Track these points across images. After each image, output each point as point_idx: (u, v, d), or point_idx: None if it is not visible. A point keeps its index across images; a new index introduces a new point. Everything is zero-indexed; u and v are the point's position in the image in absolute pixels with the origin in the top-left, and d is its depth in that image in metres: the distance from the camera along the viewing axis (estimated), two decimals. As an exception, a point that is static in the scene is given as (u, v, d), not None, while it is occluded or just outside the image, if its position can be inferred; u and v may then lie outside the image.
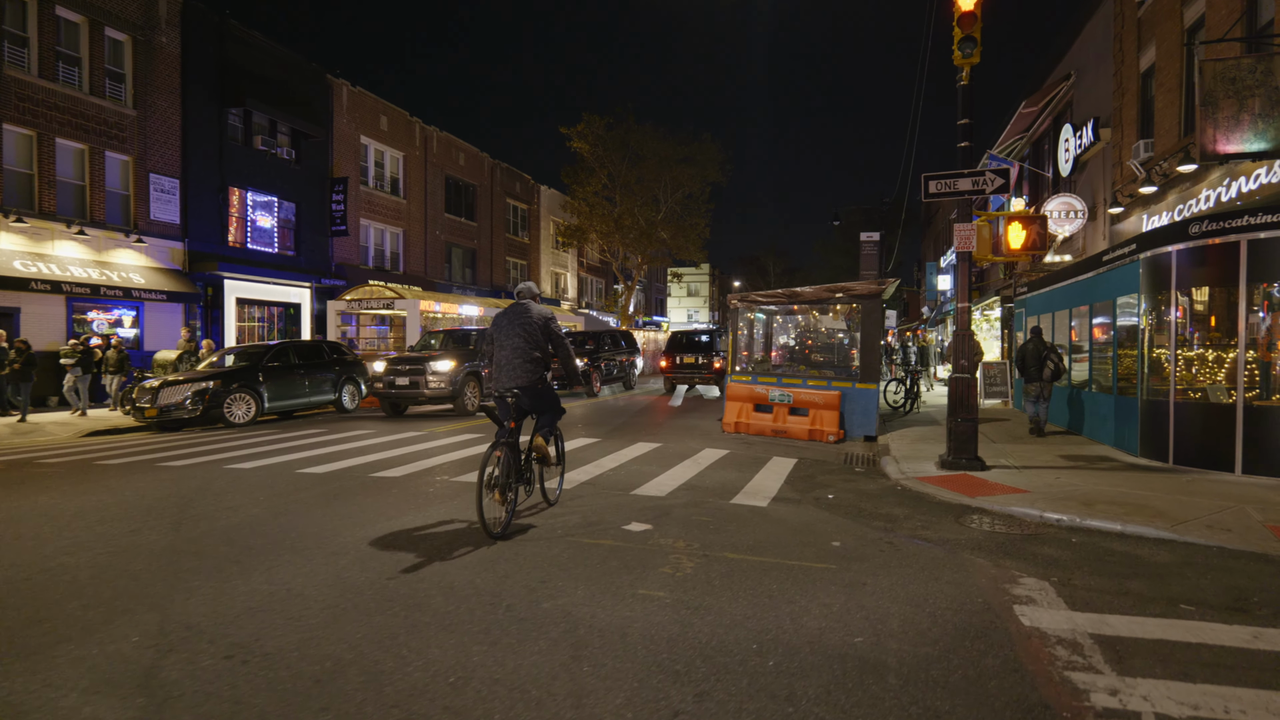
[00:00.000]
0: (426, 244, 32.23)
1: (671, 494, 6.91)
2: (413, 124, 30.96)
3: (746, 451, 10.07)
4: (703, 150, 38.26)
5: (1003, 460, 8.91)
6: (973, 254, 8.37)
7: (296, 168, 24.90)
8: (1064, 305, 12.33)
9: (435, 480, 7.53)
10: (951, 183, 8.39)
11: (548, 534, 5.36)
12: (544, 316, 5.66)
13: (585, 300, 49.18)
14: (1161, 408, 8.48)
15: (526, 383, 5.46)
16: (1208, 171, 11.46)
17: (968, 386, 8.29)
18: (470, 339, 15.66)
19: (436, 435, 11.45)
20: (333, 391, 15.83)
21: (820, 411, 11.52)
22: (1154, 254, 8.63)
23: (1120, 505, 6.22)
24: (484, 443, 10.60)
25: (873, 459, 9.73)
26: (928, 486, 7.41)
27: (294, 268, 24.79)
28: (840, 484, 7.74)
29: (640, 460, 8.99)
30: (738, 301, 13.05)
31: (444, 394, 14.16)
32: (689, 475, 7.97)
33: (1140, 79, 14.38)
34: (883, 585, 4.29)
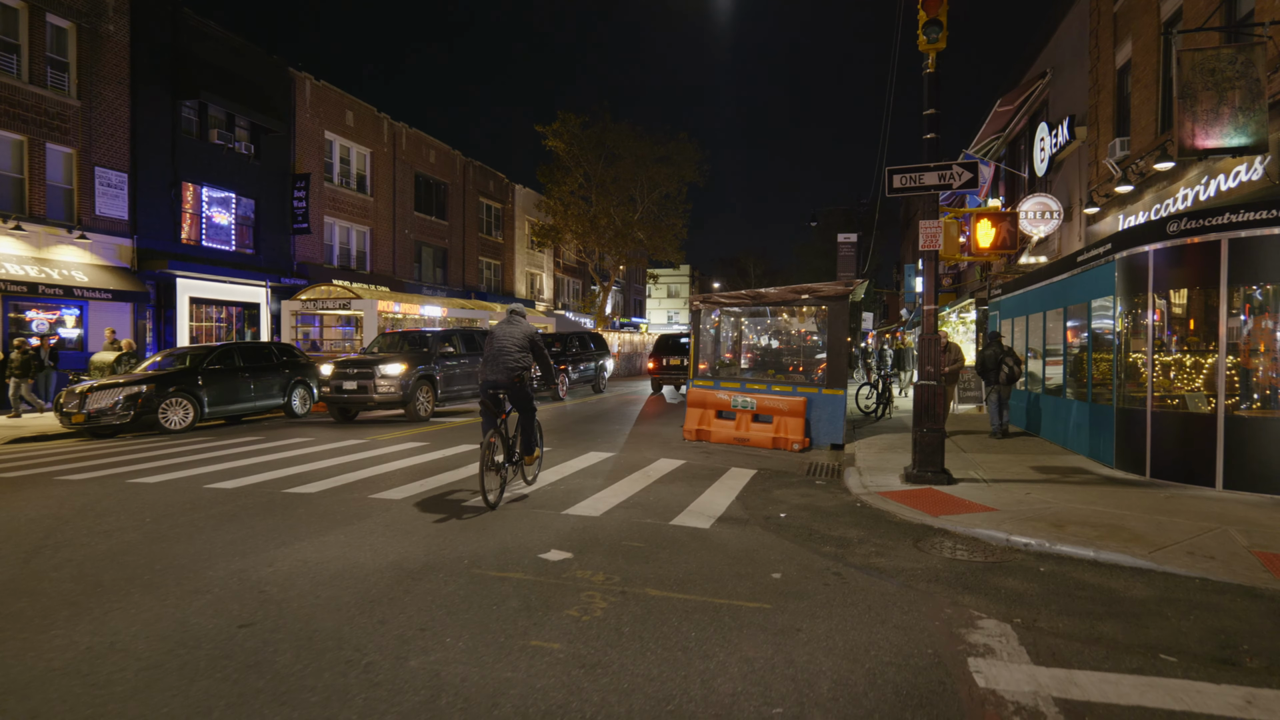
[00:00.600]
0: (395, 243, 31.42)
1: (608, 513, 6.30)
2: (380, 120, 30.16)
3: (704, 462, 9.49)
4: (680, 150, 37.76)
5: (971, 472, 8.39)
6: (940, 253, 7.85)
7: (256, 163, 24.03)
8: (1038, 308, 11.88)
9: (352, 497, 6.86)
10: (917, 176, 7.86)
11: (450, 564, 4.73)
12: (529, 330, 7.04)
13: (561, 301, 48.50)
14: (1138, 417, 7.99)
15: (506, 379, 6.77)
16: (1185, 170, 11.05)
17: (934, 395, 7.75)
18: (426, 341, 14.96)
19: (379, 443, 10.76)
20: (281, 396, 15.06)
21: (785, 419, 10.97)
22: (1130, 254, 8.16)
23: (1094, 527, 5.69)
24: (427, 451, 9.95)
25: (837, 469, 9.19)
26: (889, 503, 6.85)
27: (253, 266, 23.91)
28: (796, 499, 7.17)
29: (586, 473, 8.37)
30: (700, 303, 12.47)
31: (394, 399, 13.46)
32: (634, 490, 7.37)
33: (1116, 75, 13.99)
34: (820, 632, 3.70)
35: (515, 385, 6.77)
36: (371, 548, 5.08)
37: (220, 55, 22.44)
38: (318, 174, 26.54)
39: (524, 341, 6.89)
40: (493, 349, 6.87)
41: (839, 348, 11.22)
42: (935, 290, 7.88)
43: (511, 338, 6.86)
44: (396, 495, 6.91)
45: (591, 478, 8.05)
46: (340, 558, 4.84)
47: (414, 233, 32.83)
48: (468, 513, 6.23)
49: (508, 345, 6.82)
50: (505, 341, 6.84)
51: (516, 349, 6.82)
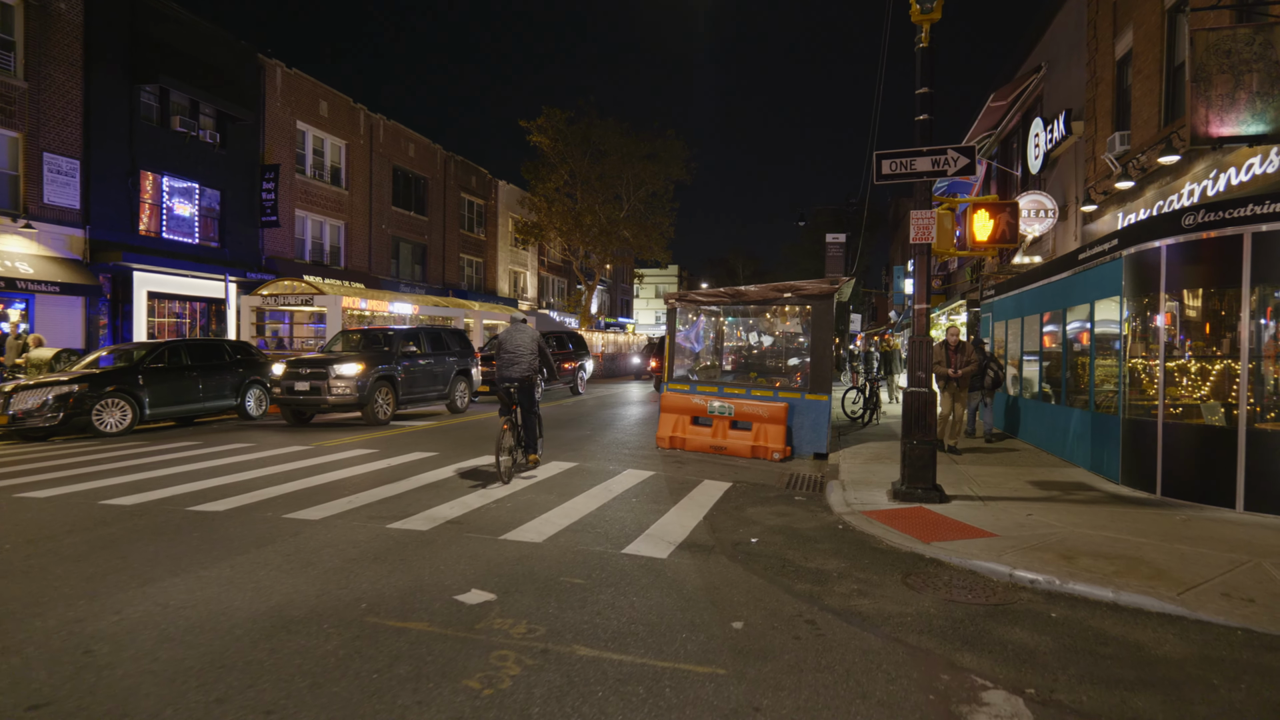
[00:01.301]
0: (371, 238, 30.47)
1: (553, 538, 5.49)
2: (356, 110, 29.21)
3: (675, 473, 8.70)
4: (667, 147, 37.01)
5: (965, 488, 7.64)
6: (933, 247, 7.10)
7: (221, 152, 23.05)
8: (1035, 310, 11.17)
9: (263, 516, 6.01)
10: (907, 162, 7.10)
11: (343, 609, 3.91)
12: (536, 336, 8.31)
13: (546, 300, 47.63)
14: (1147, 429, 7.27)
15: (519, 376, 8.09)
16: (1191, 163, 10.37)
17: (926, 403, 6.99)
18: (388, 340, 14.09)
19: (325, 450, 9.91)
20: (234, 396, 14.15)
21: (765, 426, 10.20)
22: (1139, 251, 7.43)
23: (1108, 559, 4.94)
24: (376, 459, 9.10)
25: (819, 482, 8.43)
26: (875, 525, 6.09)
27: (218, 260, 22.93)
28: (771, 519, 6.39)
29: (541, 487, 7.55)
30: (676, 301, 11.68)
31: (350, 401, 12.58)
32: (590, 508, 6.56)
33: (1116, 67, 13.32)
34: (785, 710, 2.91)
35: (525, 384, 8.13)
36: (256, 585, 4.25)
37: (183, 39, 21.46)
38: (289, 165, 25.57)
39: (533, 347, 8.22)
40: (507, 352, 8.19)
41: (823, 350, 10.47)
42: (927, 288, 7.13)
43: (524, 344, 8.19)
44: (316, 514, 6.08)
45: (546, 492, 7.24)
46: (211, 600, 4.00)
47: (391, 228, 31.89)
48: (390, 538, 5.41)
49: (521, 350, 8.17)
50: (519, 347, 8.17)
51: (528, 354, 8.17)
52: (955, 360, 10.13)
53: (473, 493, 7.05)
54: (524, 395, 8.16)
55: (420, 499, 6.75)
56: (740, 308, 12.75)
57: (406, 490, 7.16)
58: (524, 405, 8.18)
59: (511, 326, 8.45)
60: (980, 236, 7.17)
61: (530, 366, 8.14)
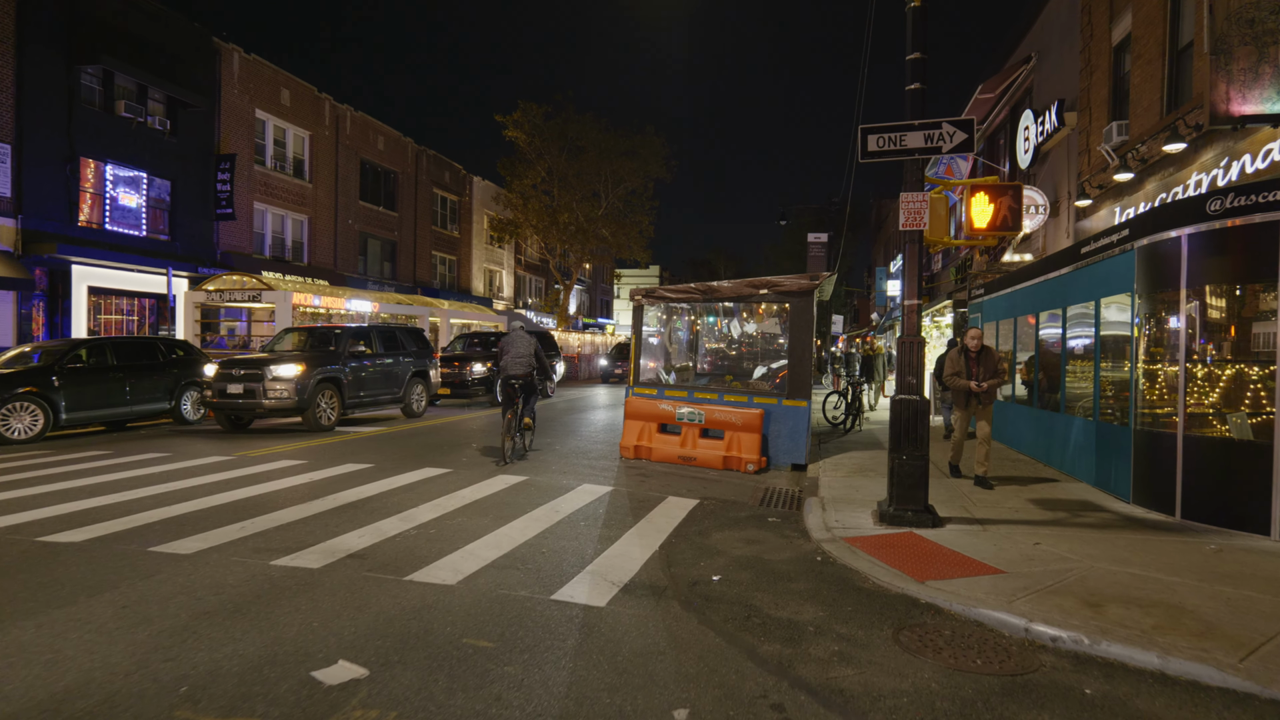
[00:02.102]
0: (337, 234, 29.26)
1: (471, 578, 4.53)
2: (321, 100, 28.00)
3: (637, 488, 7.76)
4: (646, 143, 36.11)
5: (960, 507, 6.77)
6: (925, 235, 6.23)
7: (172, 140, 21.79)
8: (1029, 309, 10.36)
9: (123, 550, 4.98)
10: (897, 138, 6.22)
11: (155, 693, 2.93)
12: (534, 341, 9.58)
13: (522, 300, 46.53)
14: (1164, 443, 6.44)
15: (521, 373, 9.38)
16: (1198, 152, 9.61)
17: (916, 413, 6.11)
18: (335, 339, 13.02)
19: (248, 461, 8.86)
20: (167, 399, 13.01)
21: (738, 434, 9.29)
22: (1154, 242, 6.60)
23: (1143, 606, 4.06)
24: (303, 471, 8.06)
25: (797, 498, 7.53)
26: (859, 556, 5.18)
27: (167, 254, 21.66)
28: (739, 548, 5.47)
29: (478, 507, 6.57)
30: (643, 297, 10.73)
31: (288, 405, 11.51)
32: (528, 536, 5.60)
33: (1112, 53, 12.58)
34: None
35: (526, 381, 9.51)
36: (53, 656, 3.25)
37: (129, 18, 20.20)
38: (246, 155, 24.33)
39: (532, 348, 9.59)
40: (510, 354, 9.53)
41: (802, 352, 9.58)
42: (918, 282, 6.25)
43: (524, 347, 9.55)
44: (190, 546, 5.06)
45: (481, 514, 6.26)
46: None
47: (359, 223, 30.68)
48: (268, 580, 4.41)
49: (522, 352, 9.53)
50: (520, 350, 9.53)
51: (527, 356, 9.53)
52: (977, 370, 8.02)
53: (393, 516, 6.05)
54: (526, 389, 9.61)
55: (328, 524, 5.76)
56: (713, 306, 11.84)
57: (317, 513, 6.15)
58: (526, 398, 9.67)
59: (514, 334, 9.74)
60: (979, 222, 6.32)
61: (529, 366, 9.51)
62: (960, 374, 8.02)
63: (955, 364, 8.06)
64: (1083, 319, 8.44)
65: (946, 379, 8.10)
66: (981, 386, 7.87)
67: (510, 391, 9.47)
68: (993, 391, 7.99)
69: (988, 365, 7.98)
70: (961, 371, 8.02)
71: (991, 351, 8.14)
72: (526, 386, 9.52)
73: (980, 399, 8.00)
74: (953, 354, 8.26)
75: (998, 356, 8.18)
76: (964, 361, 8.04)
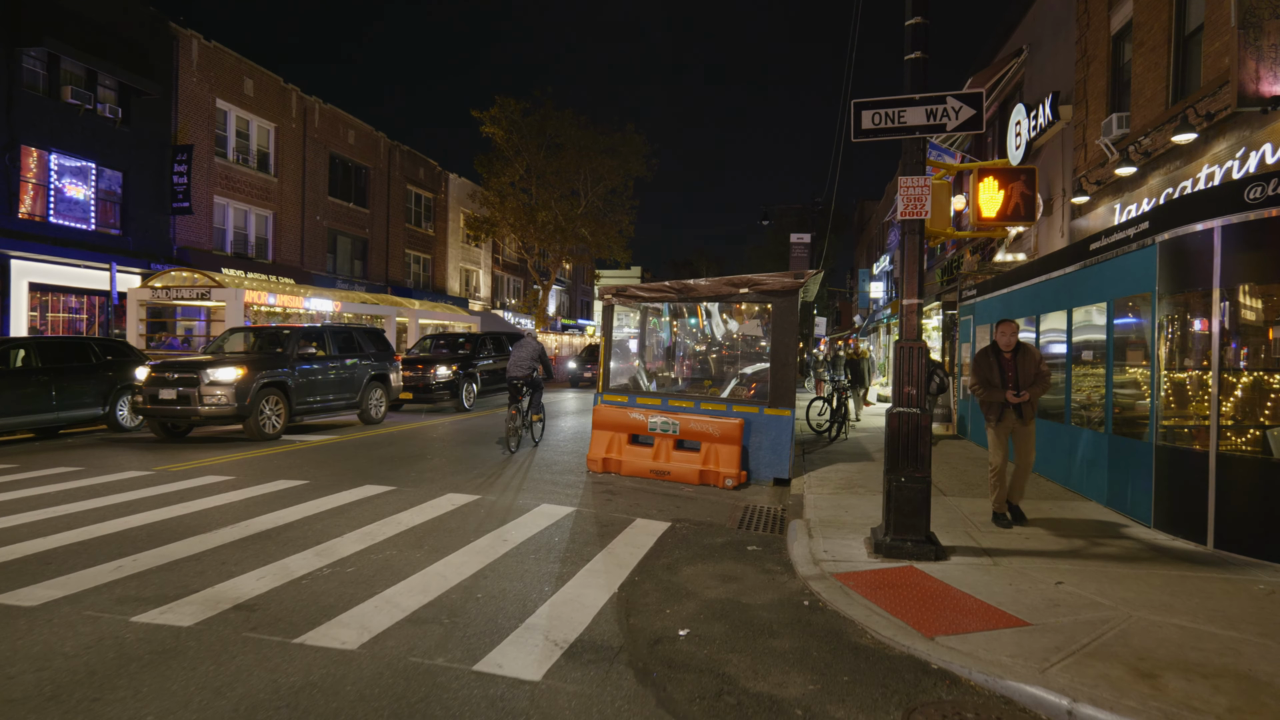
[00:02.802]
0: (304, 230, 28.14)
1: (380, 639, 3.66)
2: (288, 91, 26.89)
3: (602, 509, 6.93)
4: (626, 141, 35.25)
5: (962, 532, 6.00)
6: (926, 226, 5.46)
7: (125, 130, 20.66)
8: (1028, 311, 9.65)
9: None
10: (895, 114, 5.44)
11: None
12: (539, 345, 10.96)
13: (500, 300, 45.52)
14: (1193, 461, 5.71)
15: (521, 374, 10.68)
16: (1210, 143, 8.95)
17: (917, 428, 5.32)
18: (283, 339, 12.05)
19: (167, 477, 7.91)
20: (100, 405, 11.96)
21: (715, 446, 8.48)
22: (1180, 235, 5.88)
23: (1206, 675, 3.29)
24: (229, 489, 7.14)
25: (780, 519, 6.74)
26: (854, 600, 4.39)
27: (119, 249, 20.53)
28: (713, 588, 4.65)
29: (411, 536, 5.70)
30: (613, 296, 9.89)
31: (227, 412, 10.53)
32: (464, 573, 4.74)
33: (1111, 43, 11.94)
34: None
35: (526, 379, 10.61)
36: None
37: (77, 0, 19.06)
38: (206, 147, 23.20)
39: (535, 353, 10.75)
40: (516, 356, 10.71)
41: (786, 356, 8.79)
42: (919, 277, 5.46)
43: (527, 352, 10.73)
44: (41, 594, 4.14)
45: (415, 545, 5.39)
46: None
47: (328, 220, 29.58)
48: (118, 645, 3.53)
49: (524, 357, 10.70)
50: (522, 355, 10.72)
51: (531, 358, 10.69)
52: (1014, 376, 6.19)
53: (307, 550, 5.17)
54: (530, 387, 10.80)
55: (225, 561, 4.86)
56: (690, 306, 11.04)
57: (218, 545, 5.25)
58: (531, 395, 10.86)
59: (524, 340, 11.03)
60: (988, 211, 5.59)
61: (530, 368, 10.68)
62: (990, 380, 6.25)
63: (984, 368, 6.30)
64: (1092, 321, 7.73)
65: (973, 388, 6.37)
66: (1022, 396, 6.08)
67: (514, 389, 10.59)
68: (1034, 403, 6.23)
69: (1027, 368, 6.17)
70: (994, 377, 6.24)
71: (1031, 350, 6.30)
72: (529, 384, 10.80)
73: (1021, 413, 6.20)
74: (980, 355, 6.48)
75: (1039, 356, 6.30)
76: (995, 364, 6.26)
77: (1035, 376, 6.18)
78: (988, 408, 6.30)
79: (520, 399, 10.53)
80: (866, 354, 17.04)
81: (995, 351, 6.36)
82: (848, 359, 16.19)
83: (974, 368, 6.40)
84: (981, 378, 6.32)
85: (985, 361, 6.35)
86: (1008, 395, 6.12)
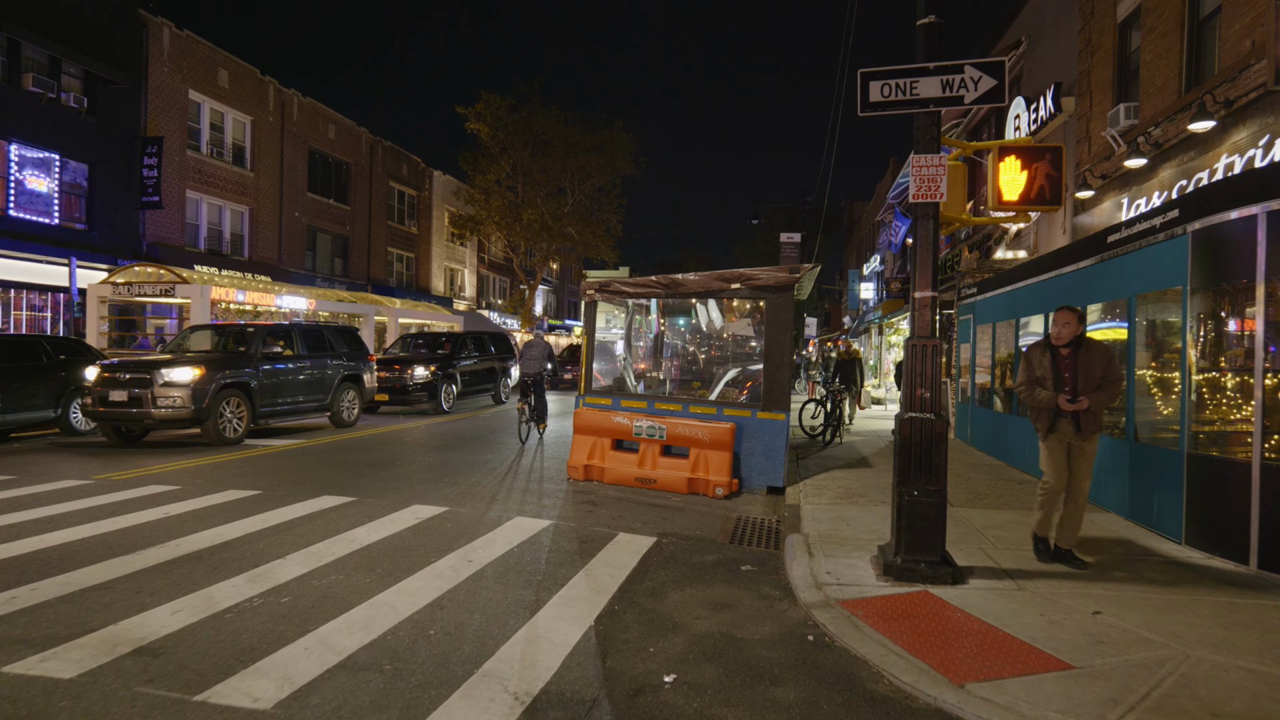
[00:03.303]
0: (282, 227, 27.34)
1: (302, 693, 3.04)
2: (265, 84, 26.09)
3: (582, 521, 6.33)
4: (614, 139, 34.65)
5: (974, 548, 5.44)
6: (941, 210, 4.90)
7: (91, 120, 19.85)
8: (1036, 309, 9.13)
9: None
10: (907, 85, 4.88)
11: None
12: (548, 346, 12.22)
13: (486, 300, 44.78)
14: (1233, 472, 5.17)
15: (534, 371, 11.90)
16: (1229, 131, 8.47)
17: (931, 435, 4.75)
18: (247, 338, 11.35)
19: (108, 486, 7.23)
20: (52, 406, 11.23)
21: (705, 452, 7.89)
22: (1215, 223, 5.34)
23: (1298, 739, 2.73)
24: (165, 503, 6.47)
25: (775, 531, 6.17)
26: (866, 634, 3.81)
27: (84, 245, 19.72)
28: (703, 618, 4.06)
29: (364, 557, 5.06)
30: (596, 292, 9.29)
31: (183, 415, 9.84)
32: (418, 603, 4.13)
33: (1118, 30, 11.46)
34: None
35: (537, 377, 11.87)
36: None
37: (38, -18, 18.24)
38: (178, 139, 22.38)
39: (546, 352, 12.03)
40: (529, 355, 11.98)
41: (780, 356, 8.21)
42: (934, 266, 4.89)
43: (539, 351, 11.99)
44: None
45: (366, 568, 4.76)
46: None
47: (307, 216, 28.78)
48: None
49: (536, 356, 11.96)
50: (534, 354, 11.98)
51: (542, 357, 11.94)
52: (1070, 377, 5.01)
53: (239, 576, 4.52)
54: (537, 384, 11.83)
55: (140, 591, 4.21)
56: (679, 302, 10.45)
57: (139, 569, 4.59)
58: (537, 392, 11.85)
59: (535, 340, 12.20)
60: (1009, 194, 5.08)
61: (541, 366, 11.80)
62: (1041, 380, 5.10)
63: (1034, 366, 5.17)
64: (1110, 319, 7.20)
65: (1021, 390, 5.23)
66: (1079, 403, 4.86)
67: (524, 386, 11.90)
68: (1098, 414, 4.97)
69: (1090, 369, 4.96)
70: (1044, 376, 5.09)
71: (1097, 347, 5.10)
72: (537, 383, 11.85)
73: (1079, 424, 4.96)
74: (1031, 351, 5.32)
75: (1109, 354, 5.07)
76: (1049, 362, 5.10)
77: (1101, 380, 4.92)
78: (1036, 415, 5.17)
79: (530, 395, 11.75)
80: (859, 354, 16.51)
81: (1049, 346, 5.18)
82: (840, 359, 15.67)
83: (1023, 365, 5.29)
84: (1029, 378, 5.17)
85: (1036, 358, 5.19)
86: (1059, 401, 4.93)
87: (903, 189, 26.62)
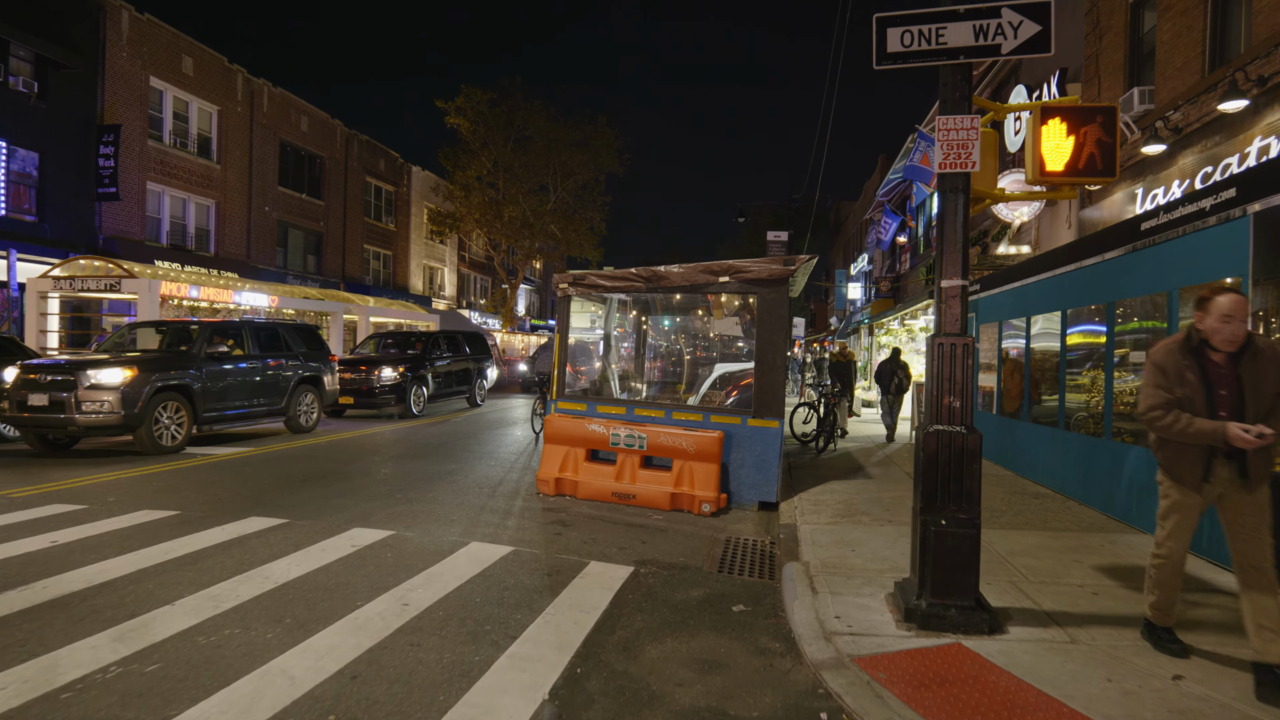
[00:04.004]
0: (251, 222, 26.23)
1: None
2: (233, 72, 24.98)
3: (549, 547, 5.46)
4: (597, 135, 33.86)
5: (1010, 588, 4.63)
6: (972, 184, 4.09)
7: (41, 105, 18.70)
8: (1049, 307, 8.38)
9: None
10: (932, 32, 4.07)
11: None
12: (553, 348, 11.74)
13: (466, 299, 43.75)
14: (1308, 493, 4.39)
15: (547, 370, 11.81)
16: (1263, 111, 7.75)
17: (963, 451, 3.94)
18: (190, 336, 10.37)
19: (5, 505, 6.26)
20: (-26, 412, 10.18)
21: (690, 464, 7.04)
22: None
23: None
24: (60, 528, 5.54)
25: (770, 557, 5.35)
26: (892, 710, 2.98)
27: (34, 238, 18.56)
28: (688, 689, 3.22)
29: (274, 600, 4.16)
30: (570, 286, 8.41)
31: (112, 421, 8.85)
32: (325, 670, 3.24)
33: (1129, 11, 10.76)
34: None
35: (545, 376, 12.11)
36: None
37: (-19, -43, 17.10)
38: (137, 128, 21.25)
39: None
40: (541, 357, 13.34)
41: (773, 357, 7.38)
42: (964, 248, 4.08)
43: (548, 350, 12.63)
44: None
45: (271, 618, 3.86)
46: None
47: (277, 211, 27.67)
48: None
49: (548, 355, 12.27)
50: (545, 353, 13.27)
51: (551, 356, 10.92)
52: (1229, 396, 3.29)
53: (104, 632, 3.60)
54: (546, 382, 11.95)
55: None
56: (662, 298, 9.61)
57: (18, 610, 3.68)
58: (545, 386, 12.14)
59: (546, 341, 11.03)
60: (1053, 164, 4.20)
61: (550, 364, 10.76)
62: (1189, 404, 3.36)
63: (1174, 381, 3.40)
64: (1144, 316, 6.44)
65: (1155, 418, 3.40)
66: (1264, 438, 3.12)
67: (536, 383, 13.07)
68: (1272, 453, 3.29)
69: (1259, 383, 3.27)
70: (1193, 398, 3.36)
71: (1269, 352, 3.30)
72: (546, 382, 12.06)
73: (1245, 469, 3.29)
74: (1165, 356, 3.47)
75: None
76: (1196, 373, 3.37)
77: (1276, 398, 3.24)
78: (1175, 453, 3.44)
79: (540, 390, 12.79)
80: (853, 356, 15.76)
81: (1193, 349, 3.41)
82: (833, 361, 14.89)
83: (1151, 379, 3.47)
84: (1168, 399, 3.39)
85: (1175, 368, 3.41)
86: (1229, 431, 3.17)
87: (893, 185, 25.94)
